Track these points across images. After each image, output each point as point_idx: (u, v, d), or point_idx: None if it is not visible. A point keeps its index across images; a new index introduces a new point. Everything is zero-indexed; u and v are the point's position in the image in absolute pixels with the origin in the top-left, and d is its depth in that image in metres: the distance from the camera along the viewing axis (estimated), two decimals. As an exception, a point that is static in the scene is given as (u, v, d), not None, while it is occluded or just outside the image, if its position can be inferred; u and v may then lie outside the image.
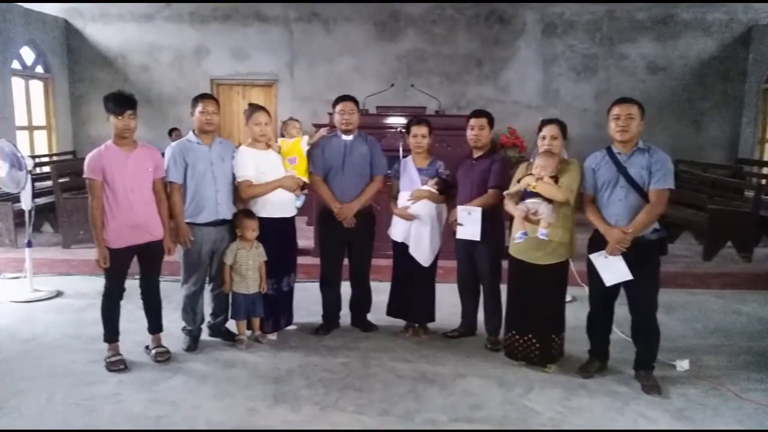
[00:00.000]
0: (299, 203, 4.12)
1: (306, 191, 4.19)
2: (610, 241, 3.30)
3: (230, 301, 4.02)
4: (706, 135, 9.28)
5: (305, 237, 5.51)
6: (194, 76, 9.36)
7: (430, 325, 4.28)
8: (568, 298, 3.88)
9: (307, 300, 4.60)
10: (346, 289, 4.35)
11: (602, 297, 3.51)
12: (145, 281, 3.77)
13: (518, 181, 3.56)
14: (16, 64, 8.42)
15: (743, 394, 3.38)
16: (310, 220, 6.45)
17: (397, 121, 6.86)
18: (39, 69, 8.94)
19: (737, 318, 4.82)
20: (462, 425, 3.05)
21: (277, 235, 3.99)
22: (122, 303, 3.71)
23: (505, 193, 3.63)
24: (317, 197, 4.34)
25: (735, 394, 3.38)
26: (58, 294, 5.19)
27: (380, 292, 4.38)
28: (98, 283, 4.19)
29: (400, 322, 4.32)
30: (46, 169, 7.82)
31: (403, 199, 4.08)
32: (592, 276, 3.49)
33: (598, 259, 3.40)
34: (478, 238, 3.79)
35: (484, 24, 9.21)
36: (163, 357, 3.75)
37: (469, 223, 3.80)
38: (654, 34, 9.09)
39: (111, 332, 3.68)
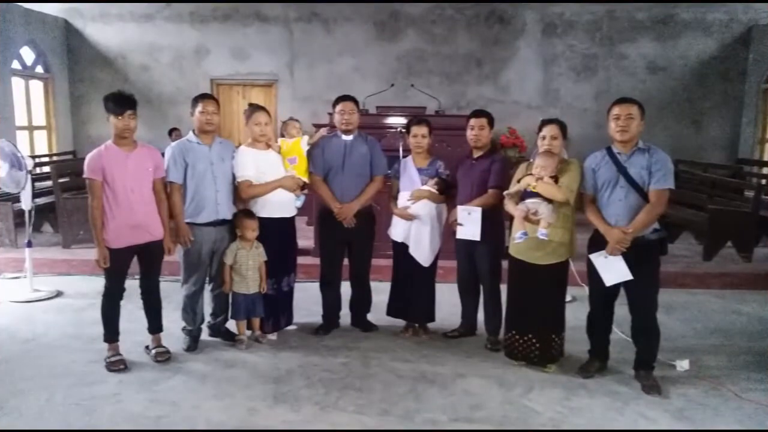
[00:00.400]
0: (299, 203, 4.13)
1: (306, 191, 4.19)
2: (610, 241, 3.30)
3: (230, 301, 4.02)
4: (706, 135, 9.28)
5: (305, 237, 5.50)
6: (194, 76, 9.37)
7: (430, 325, 4.29)
8: (568, 298, 3.88)
9: (307, 300, 4.60)
10: (346, 289, 4.35)
11: (602, 297, 3.51)
12: (145, 281, 3.77)
13: (518, 181, 3.56)
14: (16, 64, 8.42)
15: (743, 394, 3.38)
16: (310, 220, 6.45)
17: (397, 121, 6.86)
18: (39, 69, 8.95)
19: (737, 318, 4.82)
20: (462, 425, 3.05)
21: (277, 235, 3.99)
22: (122, 303, 3.71)
23: (505, 193, 3.63)
24: (317, 197, 4.34)
25: (735, 394, 3.38)
26: (58, 294, 5.19)
27: (380, 292, 4.38)
28: (98, 283, 4.19)
29: (400, 322, 4.32)
30: (46, 169, 7.82)
31: (403, 199, 4.08)
32: (592, 276, 3.49)
33: (598, 259, 3.40)
34: (478, 238, 3.79)
35: (484, 24, 9.21)
36: (163, 357, 3.75)
37: (469, 223, 3.80)
38: (654, 34, 9.09)
39: (111, 332, 3.68)
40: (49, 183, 7.04)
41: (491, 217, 3.81)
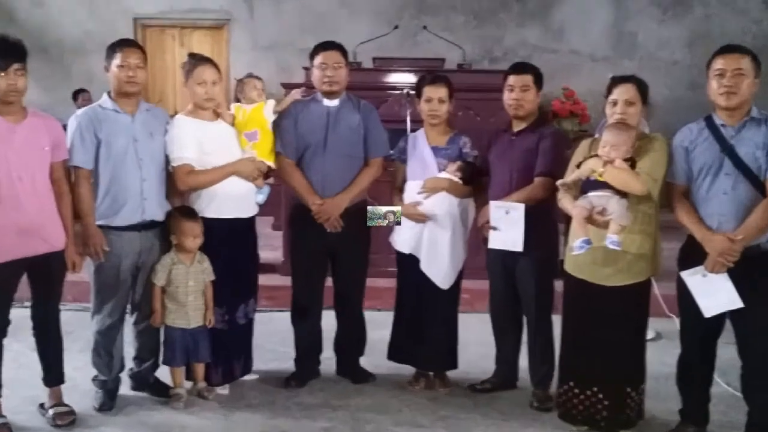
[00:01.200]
0: (261, 198, 4.14)
1: (271, 180, 4.20)
2: (710, 253, 3.31)
3: (162, 339, 4.03)
4: None
5: (271, 247, 5.51)
6: (110, 14, 9.40)
7: (451, 373, 4.30)
8: (649, 334, 3.89)
9: (273, 337, 4.62)
10: (329, 320, 4.35)
11: (699, 333, 3.52)
12: (40, 310, 3.76)
13: (578, 166, 3.57)
14: None
15: None
16: (278, 222, 6.47)
17: (404, 79, 6.89)
18: None
19: None
20: None
21: (229, 243, 4.01)
22: (5, 342, 3.68)
23: (558, 183, 3.63)
24: (288, 189, 4.35)
25: None
26: None
27: (379, 325, 4.40)
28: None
29: (407, 370, 4.33)
30: None
31: (412, 191, 4.09)
32: (685, 303, 3.50)
33: (694, 279, 3.40)
34: (520, 248, 3.80)
35: (529, -61, 9.26)
36: (65, 420, 3.74)
37: (508, 227, 3.81)
38: (774, -46, 9.13)
39: (-12, 384, 3.68)
40: None
41: (539, 218, 3.82)
